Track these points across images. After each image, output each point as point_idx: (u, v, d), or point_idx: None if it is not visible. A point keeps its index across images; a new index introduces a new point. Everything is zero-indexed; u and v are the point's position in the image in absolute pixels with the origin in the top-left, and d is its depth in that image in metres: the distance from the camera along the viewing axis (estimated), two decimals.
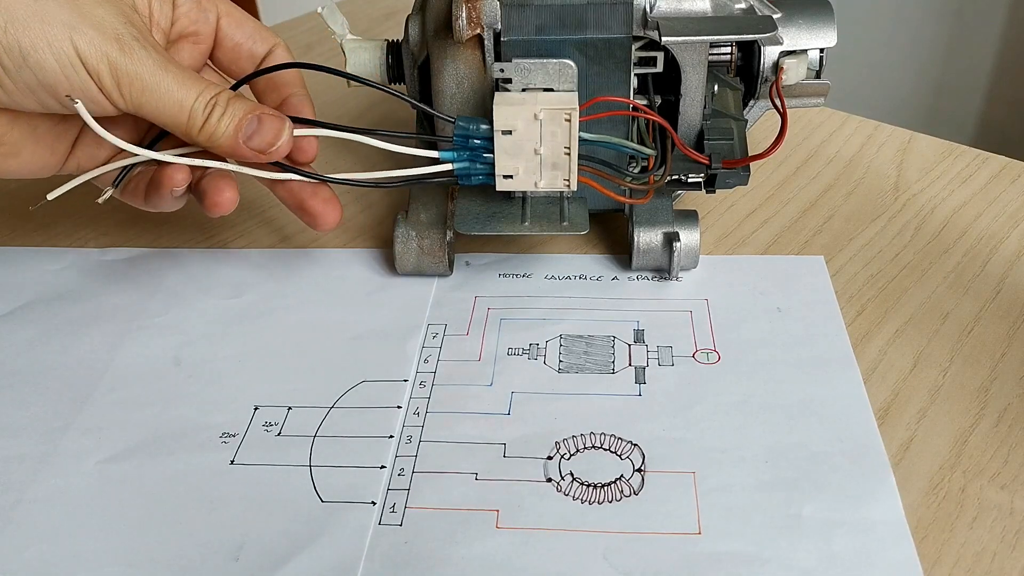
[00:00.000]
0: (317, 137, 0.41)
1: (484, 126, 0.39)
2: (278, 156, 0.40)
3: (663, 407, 0.39)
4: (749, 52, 0.45)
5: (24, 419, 0.40)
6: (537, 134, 0.39)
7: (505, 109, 0.38)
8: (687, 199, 0.52)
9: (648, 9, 0.41)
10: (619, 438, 0.38)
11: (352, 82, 0.46)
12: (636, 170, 0.44)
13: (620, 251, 0.49)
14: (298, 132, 0.40)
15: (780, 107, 0.43)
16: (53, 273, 0.48)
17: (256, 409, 0.40)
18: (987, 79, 1.68)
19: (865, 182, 0.54)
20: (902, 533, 0.34)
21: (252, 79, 0.43)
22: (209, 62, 0.44)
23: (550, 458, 0.37)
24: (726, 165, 0.43)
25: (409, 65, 0.46)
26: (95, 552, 0.34)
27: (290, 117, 0.40)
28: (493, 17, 0.41)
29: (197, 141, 0.38)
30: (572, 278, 0.47)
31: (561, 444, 0.38)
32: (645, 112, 0.42)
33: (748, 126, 0.46)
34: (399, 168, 0.41)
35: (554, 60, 0.40)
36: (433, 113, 0.42)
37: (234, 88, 0.41)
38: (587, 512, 0.35)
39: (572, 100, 0.39)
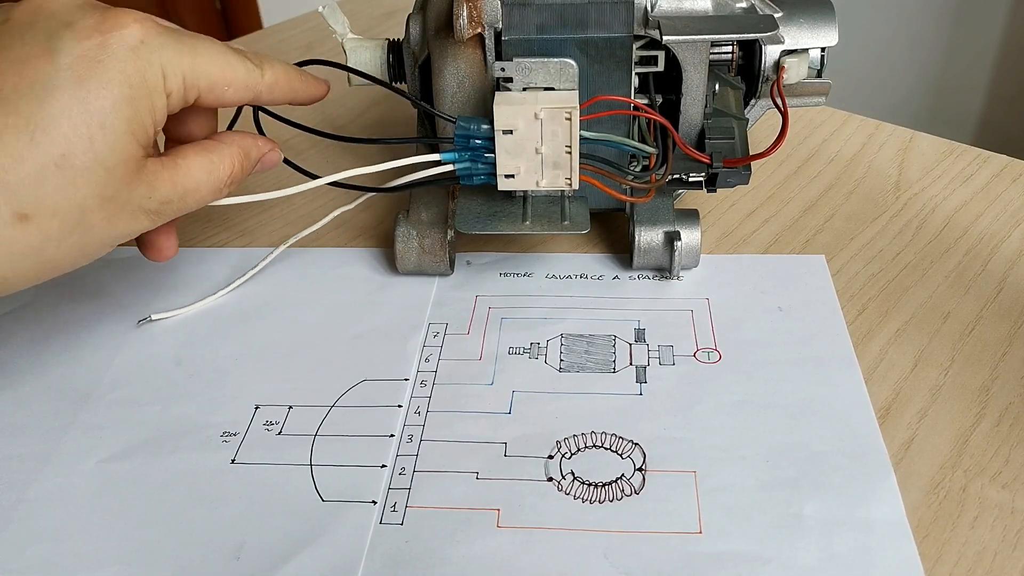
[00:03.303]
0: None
1: (485, 126, 0.39)
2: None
3: (664, 406, 0.39)
4: (750, 51, 0.45)
5: (25, 418, 0.40)
6: (538, 133, 0.39)
7: (506, 108, 0.38)
8: (688, 198, 0.52)
9: (649, 8, 0.41)
10: (620, 437, 0.38)
11: (353, 81, 0.46)
12: (637, 169, 0.44)
13: (621, 250, 0.49)
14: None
15: (781, 106, 0.43)
16: None
17: (257, 408, 0.40)
18: (988, 78, 1.68)
19: (866, 181, 0.54)
20: (903, 532, 0.33)
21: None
22: None
23: (551, 457, 0.37)
24: (727, 164, 0.43)
25: (410, 64, 0.46)
26: (96, 551, 0.34)
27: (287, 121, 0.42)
28: (494, 16, 0.41)
29: None
30: (573, 277, 0.47)
31: (562, 443, 0.38)
32: (646, 111, 0.42)
33: (749, 125, 0.46)
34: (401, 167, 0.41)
35: (555, 59, 0.40)
36: (434, 112, 0.42)
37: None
38: (588, 511, 0.35)
39: (573, 99, 0.39)
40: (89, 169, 0.32)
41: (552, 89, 0.40)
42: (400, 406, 0.40)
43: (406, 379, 0.41)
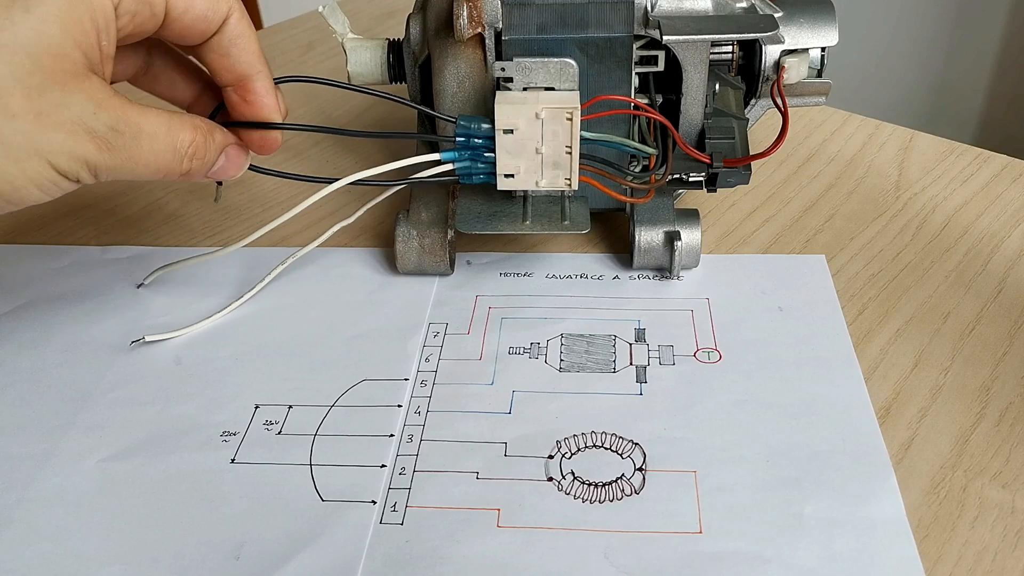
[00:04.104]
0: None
1: (485, 125, 0.39)
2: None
3: (664, 406, 0.39)
4: (750, 51, 0.45)
5: (25, 418, 0.40)
6: (538, 133, 0.39)
7: (507, 108, 0.38)
8: (688, 198, 0.52)
9: (649, 8, 0.41)
10: (620, 437, 0.38)
11: (353, 81, 0.46)
12: (637, 169, 0.44)
13: (621, 250, 0.49)
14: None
15: (781, 106, 0.43)
16: (54, 272, 0.48)
17: (257, 408, 0.40)
18: (988, 78, 1.68)
19: (866, 181, 0.54)
20: (903, 532, 0.33)
21: (249, 127, 0.39)
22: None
23: (551, 457, 0.37)
24: (727, 164, 0.43)
25: (410, 64, 0.46)
26: (96, 550, 0.34)
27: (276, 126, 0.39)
28: (494, 16, 0.41)
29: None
30: (573, 277, 0.47)
31: (562, 443, 0.38)
32: (646, 111, 0.42)
33: (749, 125, 0.46)
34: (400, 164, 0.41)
35: (555, 59, 0.40)
36: (434, 114, 0.42)
37: (214, 115, 0.39)
38: (588, 511, 0.35)
39: (573, 99, 0.39)
40: (6, 47, 0.30)
41: (552, 89, 0.40)
42: (400, 406, 0.40)
43: (406, 379, 0.41)
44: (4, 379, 0.42)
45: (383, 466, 0.37)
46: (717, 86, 0.45)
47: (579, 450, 0.37)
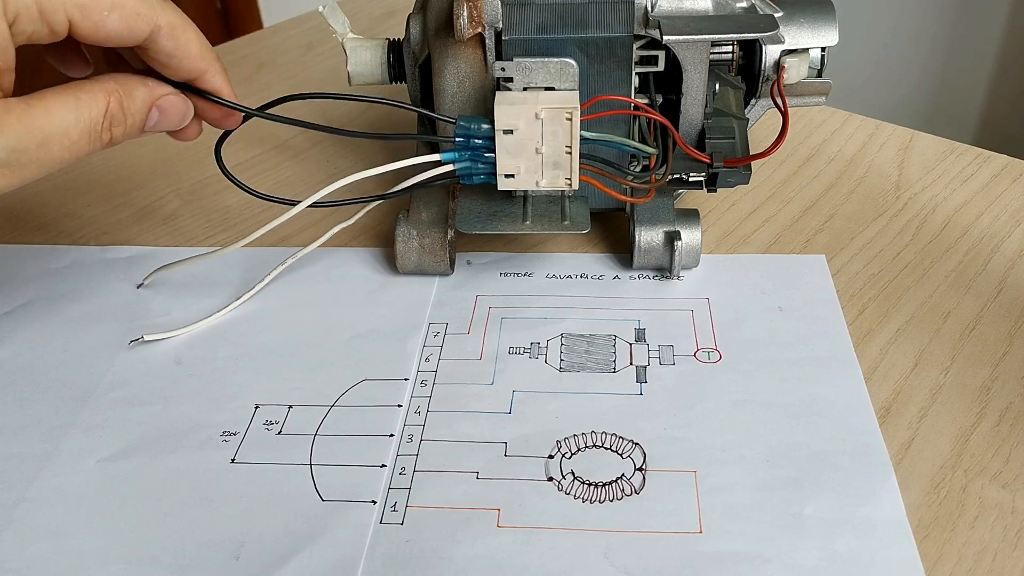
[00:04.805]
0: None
1: (485, 125, 0.39)
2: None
3: (664, 406, 0.39)
4: (751, 51, 0.45)
5: (25, 418, 0.40)
6: (538, 133, 0.39)
7: (507, 108, 0.38)
8: (688, 198, 0.52)
9: (649, 8, 0.41)
10: (620, 437, 0.38)
11: (353, 81, 0.47)
12: (637, 169, 0.44)
13: (621, 250, 0.49)
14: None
15: (781, 106, 0.43)
16: (54, 272, 0.48)
17: (257, 408, 0.40)
18: (989, 78, 1.68)
19: (866, 181, 0.54)
20: (903, 532, 0.33)
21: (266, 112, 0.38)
22: None
23: (551, 457, 0.37)
24: (727, 164, 0.43)
25: (410, 64, 0.46)
26: (96, 550, 0.34)
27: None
28: (494, 16, 0.41)
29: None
30: (573, 277, 0.47)
31: (562, 443, 0.38)
32: (647, 111, 0.42)
33: (749, 125, 0.46)
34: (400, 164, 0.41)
35: (555, 59, 0.40)
36: (434, 116, 0.42)
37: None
38: (588, 511, 0.35)
39: (573, 99, 0.39)
40: None
41: (552, 89, 0.40)
42: (400, 406, 0.40)
43: (406, 379, 0.41)
44: (4, 379, 0.42)
45: (383, 466, 0.37)
46: (717, 86, 0.45)
47: (579, 450, 0.37)
